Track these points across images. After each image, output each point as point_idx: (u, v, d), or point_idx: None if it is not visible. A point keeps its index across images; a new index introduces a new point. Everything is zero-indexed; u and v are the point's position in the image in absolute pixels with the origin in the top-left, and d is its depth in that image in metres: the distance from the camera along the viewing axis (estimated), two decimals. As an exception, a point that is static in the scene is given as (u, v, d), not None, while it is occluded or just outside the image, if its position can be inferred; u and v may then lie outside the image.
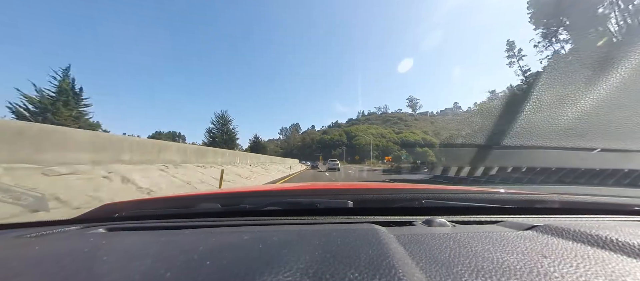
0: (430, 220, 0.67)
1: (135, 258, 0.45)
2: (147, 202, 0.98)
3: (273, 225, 0.70)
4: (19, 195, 1.92)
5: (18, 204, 1.88)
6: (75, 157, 3.95)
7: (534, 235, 0.53)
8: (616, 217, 0.78)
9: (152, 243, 0.55)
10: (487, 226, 0.67)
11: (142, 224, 0.75)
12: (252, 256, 0.42)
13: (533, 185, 8.98)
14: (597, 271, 0.36)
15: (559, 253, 0.42)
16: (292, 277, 0.34)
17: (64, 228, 0.71)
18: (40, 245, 0.55)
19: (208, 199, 0.91)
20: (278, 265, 0.37)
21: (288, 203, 0.86)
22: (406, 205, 0.84)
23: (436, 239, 0.51)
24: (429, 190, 1.00)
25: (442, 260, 0.40)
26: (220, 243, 0.51)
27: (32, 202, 1.95)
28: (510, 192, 0.95)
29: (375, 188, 1.12)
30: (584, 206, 0.86)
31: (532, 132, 15.35)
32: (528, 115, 16.06)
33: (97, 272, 0.39)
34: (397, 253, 0.42)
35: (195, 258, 0.42)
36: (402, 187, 1.18)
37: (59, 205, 2.88)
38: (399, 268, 0.36)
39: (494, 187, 1.11)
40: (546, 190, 6.22)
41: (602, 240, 0.47)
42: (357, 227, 0.60)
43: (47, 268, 0.41)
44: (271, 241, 0.51)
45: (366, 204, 0.88)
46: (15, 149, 3.22)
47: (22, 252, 0.52)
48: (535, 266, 0.38)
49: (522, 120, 16.17)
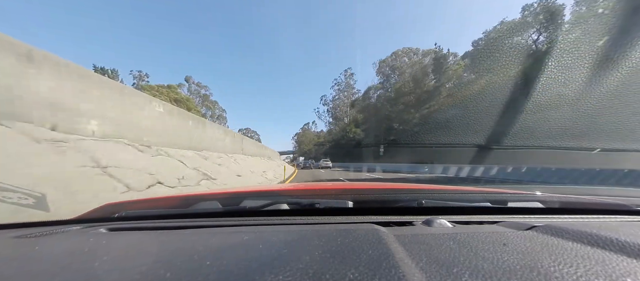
0: (430, 220, 0.67)
1: (136, 258, 0.45)
2: (147, 202, 0.98)
3: (273, 225, 0.70)
4: (19, 195, 1.92)
5: (18, 204, 1.88)
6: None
7: (534, 235, 0.53)
8: (616, 217, 0.78)
9: (152, 243, 0.55)
10: (487, 226, 0.67)
11: (142, 224, 0.75)
12: (252, 256, 0.42)
13: (533, 185, 8.98)
14: (597, 271, 0.36)
15: (559, 253, 0.42)
16: (292, 277, 0.34)
17: (65, 228, 0.71)
18: (41, 245, 0.55)
19: (208, 199, 0.91)
20: (278, 265, 0.37)
21: (288, 203, 0.86)
22: (406, 205, 0.84)
23: (436, 239, 0.51)
24: (429, 190, 1.00)
25: (442, 260, 0.40)
26: (220, 243, 0.51)
27: (32, 202, 1.95)
28: (510, 192, 0.95)
29: (376, 189, 1.12)
30: (584, 206, 0.86)
31: (532, 131, 15.35)
32: (528, 115, 16.06)
33: (98, 272, 0.39)
34: (397, 253, 0.42)
35: (196, 258, 0.42)
36: (402, 187, 1.18)
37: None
38: (399, 268, 0.36)
39: (494, 187, 1.11)
40: (546, 190, 6.23)
41: (602, 240, 0.47)
42: (357, 227, 0.60)
43: (47, 268, 0.41)
44: (271, 241, 0.51)
45: (366, 204, 0.88)
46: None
47: (22, 252, 0.52)
48: (535, 266, 0.38)
49: (522, 120, 16.16)
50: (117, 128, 3.64)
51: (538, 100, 15.93)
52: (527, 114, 16.00)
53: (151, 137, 4.34)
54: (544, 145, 14.15)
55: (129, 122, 3.91)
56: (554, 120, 14.65)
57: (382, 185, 1.22)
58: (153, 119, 4.50)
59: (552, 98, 15.33)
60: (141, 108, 4.24)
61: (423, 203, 0.83)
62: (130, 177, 2.96)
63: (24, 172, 2.02)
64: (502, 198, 0.90)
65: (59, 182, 2.17)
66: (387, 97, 40.57)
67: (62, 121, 2.83)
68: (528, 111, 16.04)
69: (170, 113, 5.14)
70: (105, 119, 3.44)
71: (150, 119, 4.42)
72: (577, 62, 14.93)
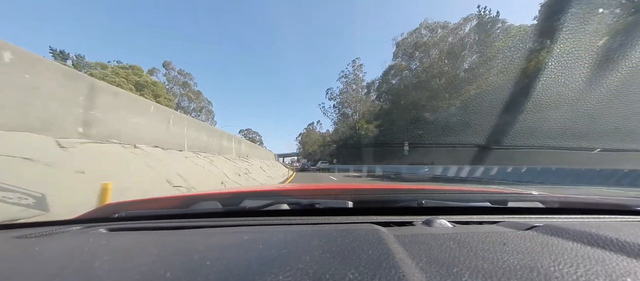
0: (430, 220, 0.67)
1: (136, 258, 0.45)
2: (147, 202, 0.98)
3: (273, 225, 0.70)
4: (19, 195, 1.93)
5: (18, 204, 1.88)
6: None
7: (534, 235, 0.53)
8: (616, 217, 0.78)
9: (152, 243, 0.55)
10: (487, 226, 0.67)
11: (142, 224, 0.75)
12: (252, 257, 0.42)
13: (533, 184, 8.98)
14: (597, 271, 0.36)
15: (559, 253, 0.42)
16: (292, 277, 0.34)
17: (65, 228, 0.71)
18: (40, 245, 0.55)
19: (208, 199, 0.91)
20: (278, 265, 0.37)
21: (288, 203, 0.86)
22: (406, 205, 0.84)
23: (436, 239, 0.51)
24: (429, 190, 1.00)
25: (442, 260, 0.40)
26: (220, 243, 0.51)
27: (32, 202, 1.95)
28: (510, 192, 0.96)
29: (376, 189, 1.12)
30: (584, 206, 0.86)
31: (532, 131, 15.30)
32: (528, 115, 15.98)
33: (97, 272, 0.39)
34: (397, 253, 0.42)
35: (195, 258, 0.42)
36: (402, 187, 1.18)
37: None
38: (399, 268, 0.36)
39: (493, 187, 1.12)
40: (546, 190, 6.23)
41: (602, 240, 0.47)
42: (357, 227, 0.60)
43: (47, 268, 0.41)
44: (271, 241, 0.51)
45: (366, 204, 0.88)
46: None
47: (22, 252, 0.52)
48: (535, 266, 0.38)
49: (522, 119, 16.09)
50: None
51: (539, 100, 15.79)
52: (527, 114, 15.71)
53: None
54: (545, 144, 14.12)
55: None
56: (554, 120, 14.62)
57: (382, 185, 1.22)
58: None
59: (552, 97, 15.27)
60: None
61: (423, 203, 0.83)
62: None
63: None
64: (502, 198, 0.90)
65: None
66: (417, 76, 31.27)
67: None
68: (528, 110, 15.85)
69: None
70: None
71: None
72: (577, 62, 14.88)
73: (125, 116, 4.32)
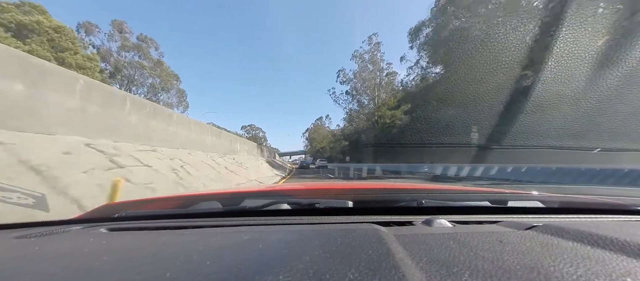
0: (430, 220, 0.67)
1: (136, 258, 0.45)
2: (147, 202, 0.99)
3: (273, 225, 0.70)
4: (19, 195, 1.93)
5: (18, 204, 1.88)
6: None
7: (534, 235, 0.53)
8: (616, 217, 0.78)
9: (152, 243, 0.55)
10: (487, 226, 0.67)
11: (142, 224, 0.75)
12: (252, 256, 0.42)
13: (533, 184, 8.98)
14: (597, 271, 0.36)
15: (559, 253, 0.42)
16: (292, 277, 0.34)
17: (65, 228, 0.71)
18: (41, 245, 0.55)
19: (208, 199, 0.91)
20: (278, 265, 0.38)
21: (288, 203, 0.86)
22: (406, 205, 0.84)
23: (436, 239, 0.51)
24: (429, 190, 1.00)
25: (442, 260, 0.40)
26: (220, 243, 0.51)
27: (32, 202, 1.95)
28: (510, 192, 0.96)
29: (376, 188, 1.12)
30: (583, 205, 0.86)
31: (532, 131, 15.26)
32: (528, 115, 15.93)
33: (98, 272, 0.39)
34: (397, 253, 0.42)
35: (195, 258, 0.42)
36: (402, 187, 1.18)
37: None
38: (399, 268, 0.36)
39: (493, 187, 1.12)
40: (546, 190, 6.23)
41: (602, 240, 0.47)
42: (357, 227, 0.60)
43: (47, 268, 0.41)
44: (271, 241, 0.51)
45: (366, 204, 0.88)
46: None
47: (22, 252, 0.52)
48: (535, 266, 0.38)
49: (522, 119, 16.04)
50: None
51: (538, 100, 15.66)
52: (527, 113, 15.53)
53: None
54: (545, 144, 14.07)
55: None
56: (554, 120, 14.57)
57: (382, 184, 1.22)
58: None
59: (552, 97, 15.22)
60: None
61: (423, 203, 0.83)
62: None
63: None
64: (501, 198, 0.90)
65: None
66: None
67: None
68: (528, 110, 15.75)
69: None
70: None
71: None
72: (577, 62, 14.82)
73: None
